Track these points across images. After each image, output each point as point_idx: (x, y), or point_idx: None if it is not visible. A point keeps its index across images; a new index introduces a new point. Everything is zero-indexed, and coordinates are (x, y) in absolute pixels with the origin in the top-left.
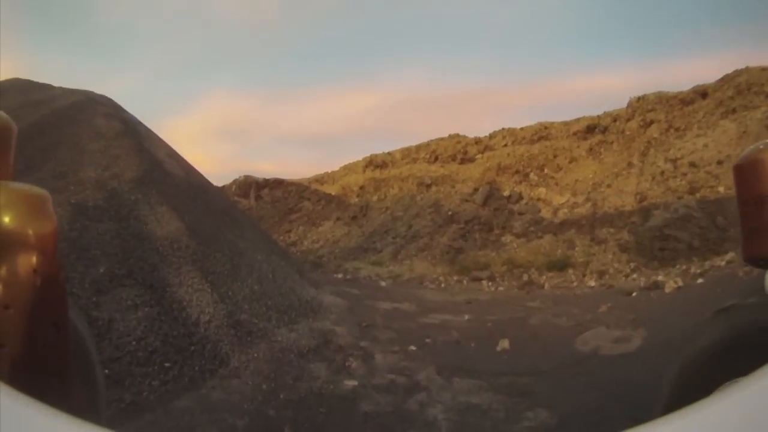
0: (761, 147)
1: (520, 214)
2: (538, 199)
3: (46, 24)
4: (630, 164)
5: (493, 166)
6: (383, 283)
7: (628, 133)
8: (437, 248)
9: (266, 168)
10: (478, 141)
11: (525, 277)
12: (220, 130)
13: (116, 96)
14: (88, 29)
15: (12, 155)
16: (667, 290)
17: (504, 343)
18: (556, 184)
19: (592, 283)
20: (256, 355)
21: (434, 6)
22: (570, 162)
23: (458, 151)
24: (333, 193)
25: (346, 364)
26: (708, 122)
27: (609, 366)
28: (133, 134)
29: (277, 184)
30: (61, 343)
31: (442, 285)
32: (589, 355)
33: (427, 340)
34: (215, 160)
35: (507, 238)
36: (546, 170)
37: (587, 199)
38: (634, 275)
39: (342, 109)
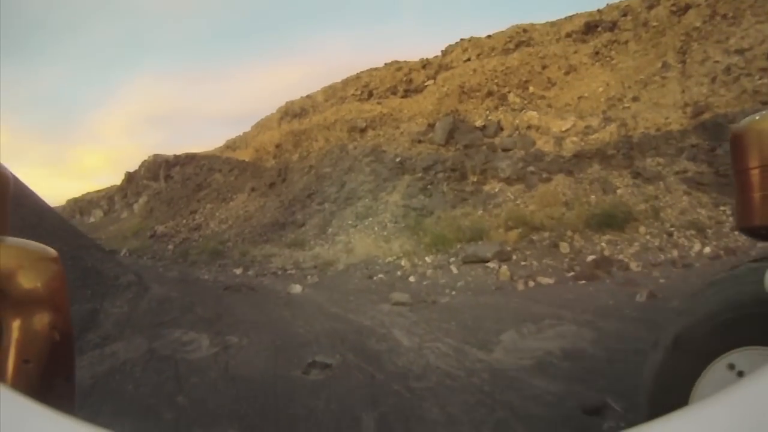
0: (757, 118)
1: (505, 150)
2: (528, 127)
3: None
4: (665, 65)
5: (453, 90)
6: (298, 288)
7: (654, 24)
8: (386, 212)
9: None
10: (426, 64)
11: (565, 248)
12: (146, 118)
13: (37, 95)
14: None
15: (9, 207)
16: None
17: None
18: (549, 105)
19: (706, 249)
20: None
21: None
22: (567, 73)
23: (399, 80)
24: (247, 159)
25: None
26: (765, 8)
27: None
28: None
29: (189, 159)
30: (69, 394)
31: (411, 278)
32: None
33: None
34: (143, 150)
35: (492, 185)
36: (531, 88)
37: (606, 120)
38: None
39: (268, 84)
